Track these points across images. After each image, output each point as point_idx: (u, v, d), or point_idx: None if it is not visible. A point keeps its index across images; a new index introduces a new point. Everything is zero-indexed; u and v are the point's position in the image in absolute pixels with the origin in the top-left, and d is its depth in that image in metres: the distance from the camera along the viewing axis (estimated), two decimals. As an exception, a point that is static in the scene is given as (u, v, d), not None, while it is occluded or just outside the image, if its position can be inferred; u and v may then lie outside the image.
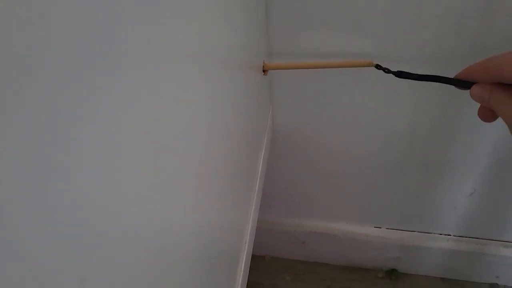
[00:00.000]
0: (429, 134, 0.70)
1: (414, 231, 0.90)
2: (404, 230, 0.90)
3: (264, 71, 0.56)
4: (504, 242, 0.87)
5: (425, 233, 0.90)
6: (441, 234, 0.89)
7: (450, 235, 0.89)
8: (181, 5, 0.24)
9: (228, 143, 0.39)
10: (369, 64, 0.48)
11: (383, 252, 0.93)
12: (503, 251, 0.87)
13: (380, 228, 0.91)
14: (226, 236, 0.42)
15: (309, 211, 0.91)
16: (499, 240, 0.87)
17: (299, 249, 0.97)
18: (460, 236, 0.89)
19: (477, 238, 0.88)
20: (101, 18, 0.15)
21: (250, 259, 0.54)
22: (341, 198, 0.86)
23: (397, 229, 0.91)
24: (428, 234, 0.90)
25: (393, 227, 0.91)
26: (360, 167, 0.79)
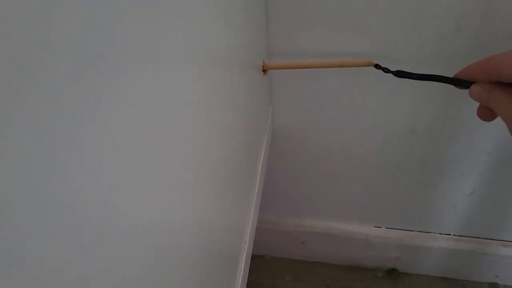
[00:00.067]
0: (429, 134, 0.70)
1: (414, 231, 0.90)
2: (404, 230, 0.90)
3: (264, 71, 0.56)
4: (504, 242, 0.87)
5: (425, 233, 0.90)
6: (441, 234, 0.89)
7: (450, 235, 0.89)
8: (181, 5, 0.24)
9: (228, 143, 0.39)
10: (369, 64, 0.48)
11: (383, 252, 0.93)
12: (503, 251, 0.87)
13: (380, 228, 0.91)
14: (226, 236, 0.42)
15: (309, 211, 0.91)
16: (499, 240, 0.87)
17: (299, 249, 0.97)
18: (460, 236, 0.89)
19: (477, 238, 0.88)
20: (101, 18, 0.15)
21: (250, 259, 0.54)
22: (341, 198, 0.86)
23: (397, 229, 0.91)
24: (428, 234, 0.90)
25: (393, 227, 0.91)
26: (360, 167, 0.79)
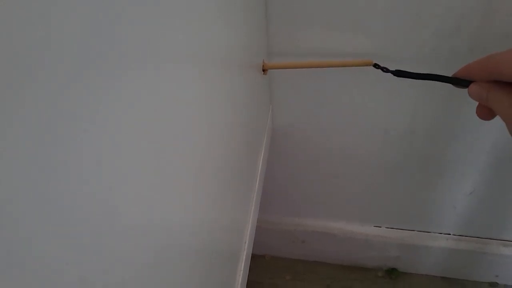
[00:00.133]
0: (429, 134, 0.70)
1: (414, 230, 0.90)
2: (404, 229, 0.90)
3: (264, 71, 0.56)
4: (504, 241, 0.87)
5: (425, 232, 0.90)
6: (441, 233, 0.89)
7: (450, 234, 0.89)
8: (181, 5, 0.24)
9: (228, 143, 0.39)
10: (368, 64, 0.48)
11: (383, 251, 0.93)
12: (503, 250, 0.87)
13: (380, 227, 0.91)
14: (226, 236, 0.42)
15: (309, 211, 0.92)
16: (499, 239, 0.87)
17: (299, 249, 0.98)
18: (460, 235, 0.89)
19: (477, 237, 0.88)
20: (101, 18, 0.15)
21: (250, 258, 0.54)
22: (341, 198, 0.86)
23: (397, 229, 0.91)
24: (428, 233, 0.90)
25: (393, 226, 0.91)
26: (360, 167, 0.79)
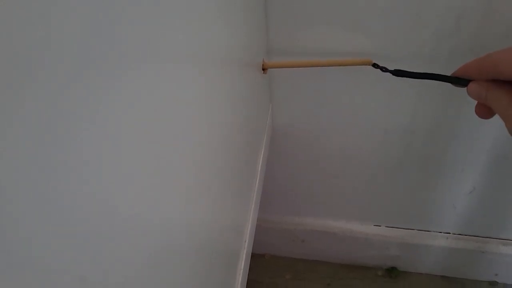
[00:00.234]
0: (429, 133, 0.70)
1: (414, 229, 0.90)
2: (404, 228, 0.91)
3: (264, 70, 0.56)
4: (503, 240, 0.87)
5: (425, 231, 0.90)
6: (441, 232, 0.89)
7: (450, 233, 0.89)
8: (181, 5, 0.24)
9: (228, 143, 0.39)
10: (368, 63, 0.48)
11: (383, 250, 0.94)
12: (503, 249, 0.87)
13: (380, 227, 0.91)
14: (226, 235, 0.42)
15: (309, 210, 0.92)
16: (499, 238, 0.87)
17: (299, 248, 0.98)
18: (460, 234, 0.89)
19: (477, 236, 0.88)
20: (101, 18, 0.15)
21: (250, 258, 0.54)
22: (341, 197, 0.86)
23: (397, 228, 0.91)
24: (428, 232, 0.90)
25: (393, 226, 0.91)
26: (360, 166, 0.79)
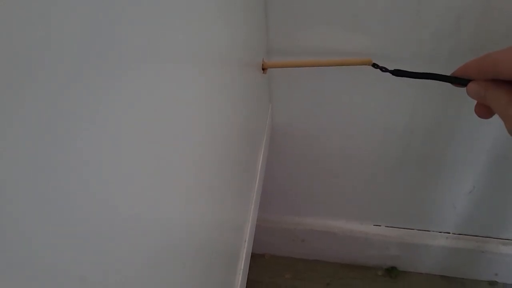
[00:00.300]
0: (428, 133, 0.70)
1: (414, 229, 0.90)
2: (404, 228, 0.91)
3: (264, 70, 0.56)
4: (503, 240, 0.87)
5: (425, 231, 0.90)
6: (441, 232, 0.89)
7: (450, 233, 0.89)
8: (181, 5, 0.24)
9: (228, 142, 0.39)
10: (367, 63, 0.48)
11: (383, 250, 0.94)
12: (502, 249, 0.87)
13: (380, 226, 0.91)
14: (226, 235, 0.42)
15: (309, 209, 0.92)
16: (498, 238, 0.87)
17: (299, 247, 0.98)
18: (459, 234, 0.89)
19: (476, 236, 0.88)
20: (101, 18, 0.15)
21: (250, 257, 0.54)
22: (341, 197, 0.86)
23: (397, 227, 0.91)
24: (428, 232, 0.90)
25: (393, 225, 0.91)
26: (360, 166, 0.79)
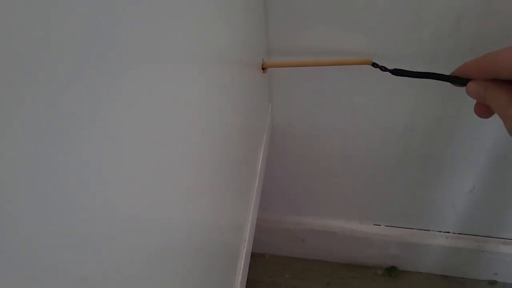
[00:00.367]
0: (428, 133, 0.70)
1: (414, 229, 0.90)
2: (404, 228, 0.91)
3: (264, 69, 0.55)
4: (503, 239, 0.87)
5: (425, 231, 0.90)
6: (440, 232, 0.89)
7: (449, 233, 0.89)
8: (181, 5, 0.24)
9: (228, 142, 0.39)
10: (367, 62, 0.48)
11: (383, 250, 0.94)
12: (502, 248, 0.87)
13: (380, 226, 0.91)
14: (226, 235, 0.42)
15: (309, 209, 0.92)
16: (498, 237, 0.87)
17: (299, 247, 0.98)
18: (459, 234, 0.89)
19: (476, 236, 0.88)
20: (101, 18, 0.15)
21: (250, 257, 0.54)
22: (341, 196, 0.86)
23: (397, 227, 0.91)
24: (428, 232, 0.90)
25: (393, 225, 0.91)
26: (360, 166, 0.79)
